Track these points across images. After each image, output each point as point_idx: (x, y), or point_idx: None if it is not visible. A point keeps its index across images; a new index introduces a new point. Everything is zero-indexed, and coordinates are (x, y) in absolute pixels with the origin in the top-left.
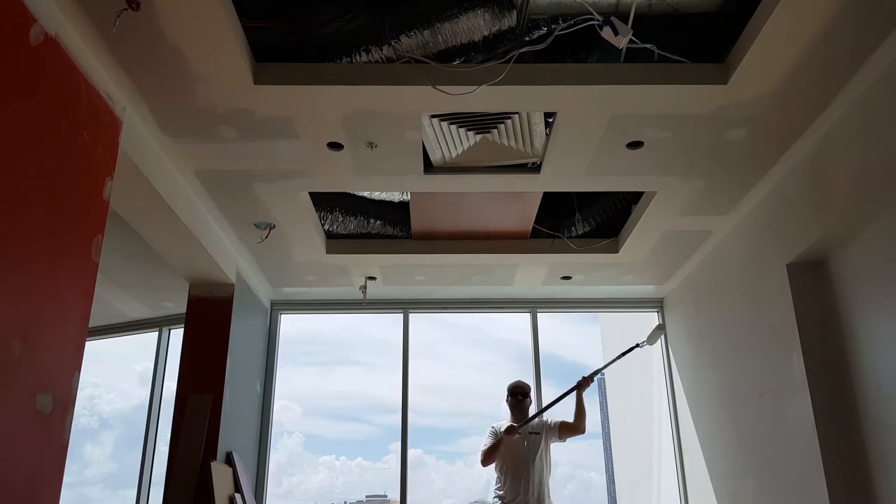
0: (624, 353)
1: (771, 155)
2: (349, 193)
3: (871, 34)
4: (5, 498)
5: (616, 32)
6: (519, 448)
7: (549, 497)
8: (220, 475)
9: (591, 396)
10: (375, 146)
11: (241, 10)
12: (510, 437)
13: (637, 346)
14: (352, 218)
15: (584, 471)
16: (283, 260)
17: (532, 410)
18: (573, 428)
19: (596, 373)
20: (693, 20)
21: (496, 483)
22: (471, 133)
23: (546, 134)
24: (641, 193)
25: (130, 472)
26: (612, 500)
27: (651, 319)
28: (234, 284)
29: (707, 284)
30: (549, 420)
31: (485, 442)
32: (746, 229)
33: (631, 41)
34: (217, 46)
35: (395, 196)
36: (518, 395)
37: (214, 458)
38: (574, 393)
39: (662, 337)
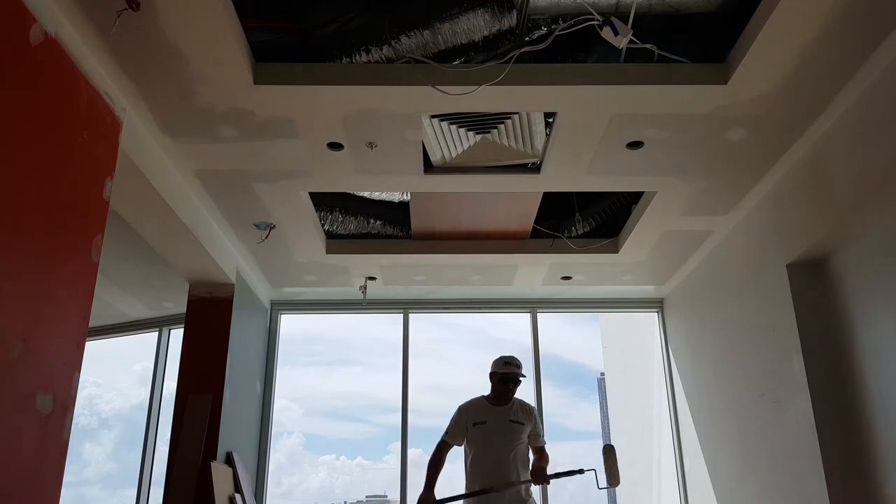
0: (570, 473)
1: (771, 155)
2: (349, 193)
3: (870, 34)
4: (5, 498)
5: (616, 32)
6: (495, 433)
7: (529, 496)
8: (220, 475)
9: (590, 397)
10: (375, 146)
11: (241, 10)
12: None
13: (581, 471)
14: (352, 218)
15: None
16: (283, 260)
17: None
18: (536, 452)
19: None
20: (693, 20)
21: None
22: (471, 133)
23: (546, 134)
24: (641, 193)
25: (130, 471)
26: (611, 501)
27: (651, 319)
28: (234, 284)
29: (707, 284)
30: (535, 421)
31: (448, 428)
32: (746, 229)
33: (631, 41)
34: (217, 46)
35: (395, 196)
36: (510, 382)
37: (214, 458)
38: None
39: (662, 341)
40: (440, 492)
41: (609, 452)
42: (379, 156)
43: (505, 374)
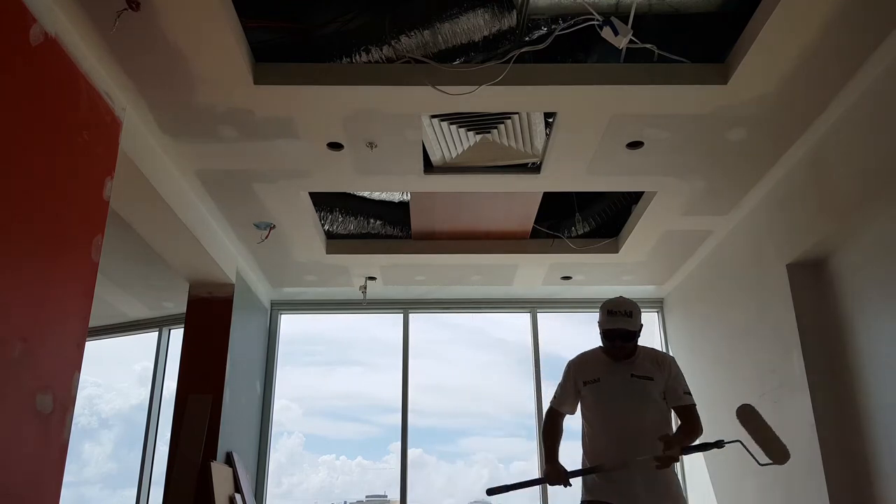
0: (706, 447)
1: (771, 155)
2: (349, 193)
3: (870, 34)
4: (5, 498)
5: (616, 32)
6: (612, 394)
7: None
8: (220, 475)
9: None
10: (375, 146)
11: (241, 10)
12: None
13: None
14: (352, 218)
15: None
16: (283, 260)
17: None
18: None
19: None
20: (693, 20)
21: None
22: (471, 133)
23: (546, 134)
24: (641, 193)
25: (130, 471)
26: None
27: (651, 319)
28: (234, 284)
29: (707, 285)
30: (673, 372)
31: (556, 392)
32: (746, 229)
33: (631, 41)
34: (217, 46)
35: (395, 196)
36: (616, 338)
37: (214, 458)
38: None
39: (662, 341)
40: None
41: (749, 416)
42: (379, 156)
43: (608, 330)
